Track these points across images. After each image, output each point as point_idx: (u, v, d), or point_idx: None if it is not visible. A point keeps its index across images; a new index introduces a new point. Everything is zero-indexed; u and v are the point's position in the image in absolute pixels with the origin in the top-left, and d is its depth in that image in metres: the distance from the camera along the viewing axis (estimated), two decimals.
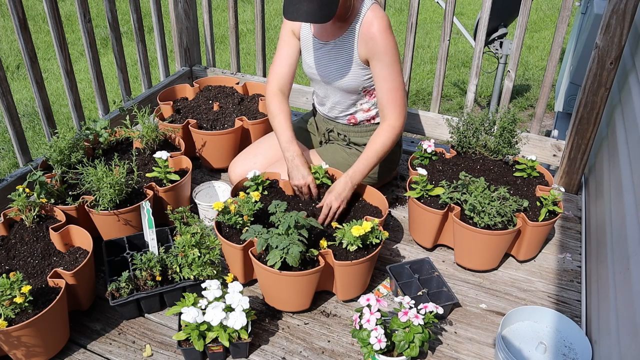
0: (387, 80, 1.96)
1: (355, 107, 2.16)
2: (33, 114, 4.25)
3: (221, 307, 1.55)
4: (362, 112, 2.17)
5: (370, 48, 1.93)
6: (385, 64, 1.94)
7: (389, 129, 2.00)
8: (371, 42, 1.93)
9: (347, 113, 2.18)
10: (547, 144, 2.49)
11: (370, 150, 1.99)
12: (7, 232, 1.83)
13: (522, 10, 2.30)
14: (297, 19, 1.82)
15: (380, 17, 1.93)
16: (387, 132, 1.99)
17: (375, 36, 1.91)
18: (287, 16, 1.83)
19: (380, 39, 1.91)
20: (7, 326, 1.46)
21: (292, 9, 1.82)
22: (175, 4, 2.93)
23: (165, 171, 2.05)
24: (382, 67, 1.95)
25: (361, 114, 2.18)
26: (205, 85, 2.82)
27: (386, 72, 1.95)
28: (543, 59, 5.44)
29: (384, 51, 1.92)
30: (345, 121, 2.21)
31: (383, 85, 1.97)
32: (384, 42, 1.92)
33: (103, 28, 5.63)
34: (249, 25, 6.03)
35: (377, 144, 1.99)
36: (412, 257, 2.08)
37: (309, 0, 1.78)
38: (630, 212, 1.61)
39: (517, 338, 1.70)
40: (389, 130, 1.99)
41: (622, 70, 2.25)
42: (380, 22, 1.92)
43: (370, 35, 1.92)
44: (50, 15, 2.26)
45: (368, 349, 1.56)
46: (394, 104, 1.98)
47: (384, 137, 1.99)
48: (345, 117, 2.20)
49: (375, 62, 1.96)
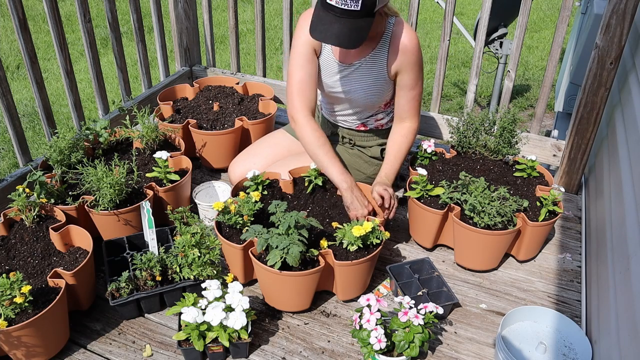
0: (413, 89, 2.02)
1: (370, 117, 2.19)
2: (33, 114, 4.25)
3: (221, 307, 1.55)
4: (375, 120, 2.20)
5: (403, 61, 1.96)
6: (414, 74, 1.99)
7: (411, 131, 2.10)
8: (404, 55, 1.95)
9: (359, 121, 2.21)
10: (547, 144, 2.49)
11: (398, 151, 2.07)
12: (7, 232, 1.83)
13: (522, 10, 2.30)
14: (325, 40, 1.75)
15: (410, 30, 1.96)
16: (411, 134, 2.10)
17: (409, 50, 1.94)
18: (315, 35, 1.76)
19: (413, 53, 1.95)
20: (7, 326, 1.46)
21: (321, 28, 1.75)
22: (175, 4, 2.93)
23: (165, 171, 2.05)
24: (411, 77, 1.99)
25: (373, 122, 2.20)
26: (205, 85, 2.82)
27: (414, 82, 2.00)
28: (543, 59, 5.44)
29: (415, 63, 1.97)
30: (355, 127, 2.22)
31: (408, 93, 2.02)
32: (417, 54, 1.96)
33: (103, 28, 5.63)
34: (249, 25, 6.03)
35: (402, 145, 2.08)
36: (412, 257, 2.08)
37: (341, 23, 1.72)
38: (630, 212, 1.61)
39: (517, 338, 1.70)
40: (411, 132, 2.10)
41: (622, 70, 2.25)
42: (412, 36, 1.95)
43: (404, 50, 1.94)
44: (50, 15, 2.25)
45: (368, 349, 1.56)
46: (416, 109, 2.08)
47: (410, 137, 2.10)
48: (355, 124, 2.22)
49: (404, 73, 1.98)
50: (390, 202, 1.92)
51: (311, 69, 2.02)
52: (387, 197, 1.91)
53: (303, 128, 1.99)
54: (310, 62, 2.01)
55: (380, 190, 1.92)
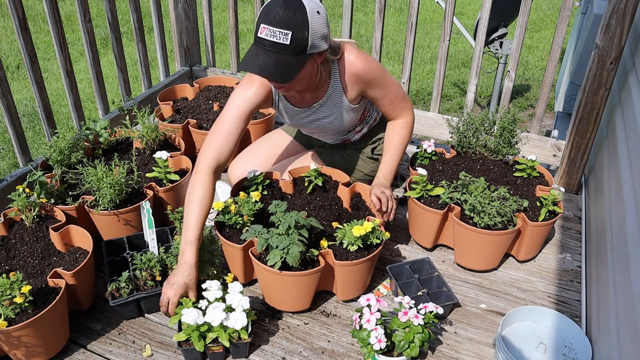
0: (388, 94, 1.96)
1: (349, 134, 2.19)
2: (33, 114, 4.25)
3: (222, 307, 1.55)
4: (355, 133, 2.20)
5: (361, 86, 1.92)
6: (380, 85, 1.93)
7: (404, 126, 2.05)
8: (359, 82, 1.90)
9: (340, 139, 2.21)
10: (547, 144, 2.49)
11: (394, 148, 2.03)
12: (7, 232, 1.83)
13: (522, 10, 2.30)
14: (248, 69, 1.66)
15: (352, 53, 1.86)
16: (404, 129, 2.04)
17: (360, 75, 1.89)
18: (242, 66, 1.68)
19: (367, 72, 1.89)
20: (7, 326, 1.46)
21: (248, 59, 1.67)
22: (175, 4, 2.93)
23: (165, 171, 2.05)
24: (379, 88, 1.94)
25: (354, 135, 2.21)
26: (205, 85, 2.82)
27: (384, 89, 1.95)
28: (543, 59, 5.44)
29: (373, 78, 1.91)
30: (339, 142, 2.24)
31: (384, 100, 1.98)
32: (371, 71, 1.89)
33: (103, 28, 5.63)
34: (249, 25, 6.02)
35: (397, 142, 2.04)
36: (412, 257, 2.08)
37: (268, 56, 1.64)
38: (630, 212, 1.61)
39: (517, 338, 1.70)
40: (404, 127, 2.05)
41: (622, 70, 2.25)
42: (357, 58, 1.86)
43: (357, 78, 1.89)
44: (50, 15, 2.26)
45: (368, 349, 1.56)
46: (401, 106, 2.02)
47: (403, 133, 2.04)
48: (337, 141, 2.23)
49: (370, 90, 1.94)
50: (388, 205, 1.88)
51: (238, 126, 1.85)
52: (385, 199, 1.87)
53: (197, 175, 1.76)
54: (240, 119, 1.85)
55: (377, 193, 1.89)
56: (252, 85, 1.87)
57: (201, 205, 1.70)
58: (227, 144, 1.82)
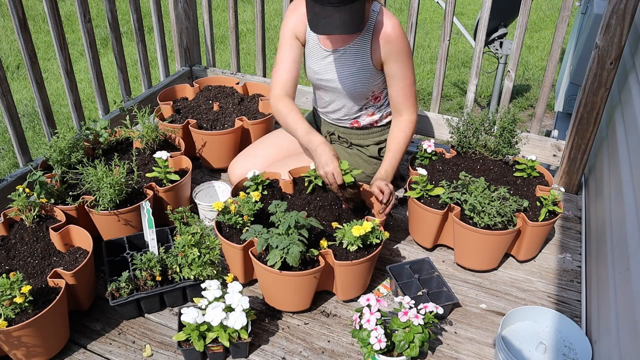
0: (404, 78, 2.01)
1: (361, 112, 2.17)
2: (33, 114, 4.25)
3: (221, 307, 1.55)
4: (367, 116, 2.19)
5: (388, 50, 1.95)
6: (402, 63, 1.98)
7: (408, 125, 2.09)
8: (389, 44, 1.94)
9: (351, 117, 2.19)
10: (547, 144, 2.49)
11: (397, 146, 2.07)
12: (7, 232, 1.83)
13: (522, 10, 2.30)
14: (331, 32, 1.75)
15: (394, 19, 1.95)
16: (408, 128, 2.09)
17: (392, 38, 1.94)
18: (319, 31, 1.76)
19: (398, 41, 1.94)
20: (7, 326, 1.46)
21: (323, 23, 1.75)
22: (175, 4, 2.93)
23: (165, 171, 2.05)
24: (399, 66, 1.98)
25: (365, 118, 2.19)
26: (205, 85, 2.82)
27: (403, 71, 1.99)
28: (543, 59, 5.44)
29: (401, 51, 1.96)
30: (348, 124, 2.22)
31: (399, 83, 2.01)
32: (402, 42, 1.95)
33: (103, 28, 5.63)
34: (249, 25, 6.03)
35: (400, 140, 2.07)
36: (412, 257, 2.08)
37: (340, 12, 1.72)
38: (630, 212, 1.61)
39: (517, 338, 1.70)
40: (408, 126, 2.09)
41: (622, 70, 2.25)
42: (396, 24, 1.94)
43: (388, 38, 1.94)
44: (50, 15, 2.25)
45: (368, 349, 1.56)
46: (410, 100, 2.06)
47: (407, 132, 2.08)
48: (348, 121, 2.21)
49: (391, 62, 1.98)
50: (390, 198, 1.92)
51: (292, 55, 2.07)
52: (387, 192, 1.91)
53: (275, 102, 2.06)
54: (290, 48, 2.07)
55: (381, 185, 1.92)
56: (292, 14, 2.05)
57: (294, 111, 2.00)
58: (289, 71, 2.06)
